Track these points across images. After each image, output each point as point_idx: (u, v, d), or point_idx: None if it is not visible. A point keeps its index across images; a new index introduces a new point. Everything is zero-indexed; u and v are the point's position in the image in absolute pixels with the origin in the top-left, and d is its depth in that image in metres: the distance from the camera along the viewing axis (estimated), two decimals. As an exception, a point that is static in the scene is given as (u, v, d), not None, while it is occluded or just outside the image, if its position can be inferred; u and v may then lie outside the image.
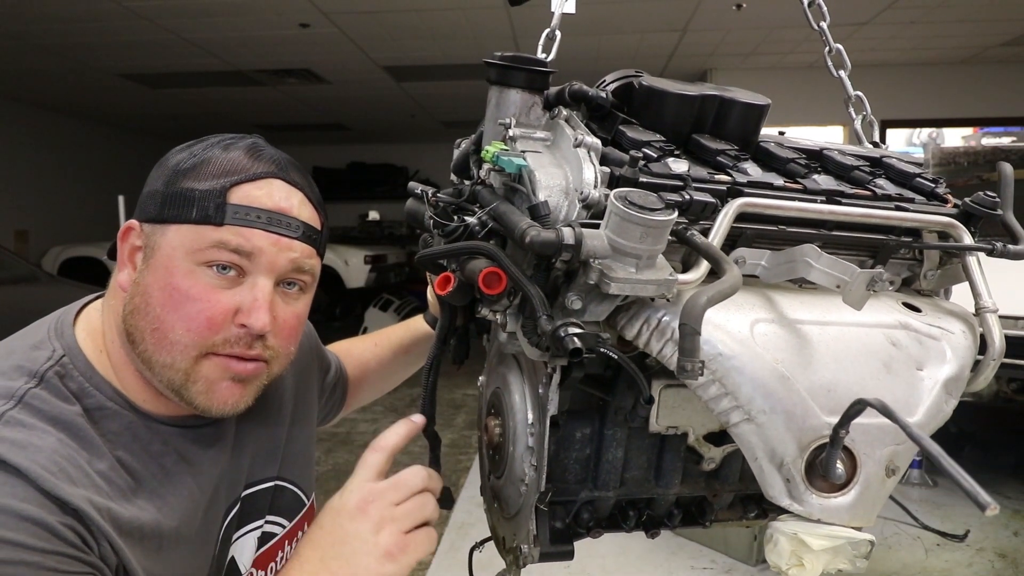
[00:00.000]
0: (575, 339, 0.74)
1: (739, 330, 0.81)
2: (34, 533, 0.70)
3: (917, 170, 1.07)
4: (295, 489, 1.11)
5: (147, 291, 0.85)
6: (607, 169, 0.86)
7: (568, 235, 0.76)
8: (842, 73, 1.37)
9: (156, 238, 0.86)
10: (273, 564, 1.07)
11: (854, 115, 1.35)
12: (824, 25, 1.37)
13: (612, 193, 0.76)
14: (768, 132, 1.12)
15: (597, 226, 0.78)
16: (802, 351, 0.81)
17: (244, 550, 1.02)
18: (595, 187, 0.83)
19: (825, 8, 1.37)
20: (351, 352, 1.45)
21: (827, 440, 0.77)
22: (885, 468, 0.80)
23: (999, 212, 0.99)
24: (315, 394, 1.26)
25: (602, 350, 0.76)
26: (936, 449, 0.64)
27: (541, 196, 0.85)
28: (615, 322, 0.85)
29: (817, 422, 0.77)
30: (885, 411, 0.68)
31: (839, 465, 0.77)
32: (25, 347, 0.86)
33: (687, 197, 0.85)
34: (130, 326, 0.86)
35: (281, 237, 0.87)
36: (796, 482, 0.78)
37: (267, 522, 1.06)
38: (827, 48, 1.37)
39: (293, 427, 1.13)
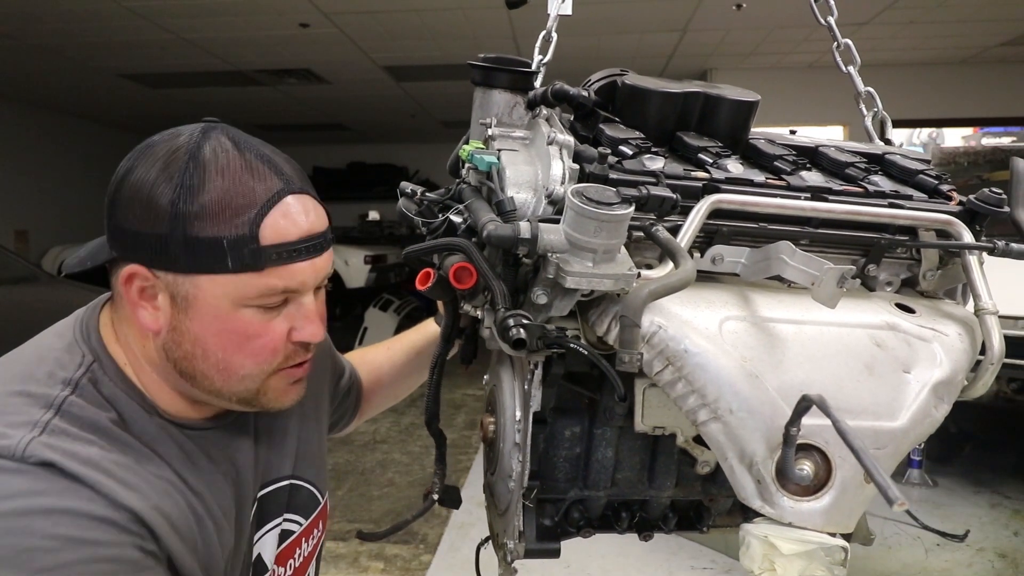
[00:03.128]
0: (520, 330, 0.75)
1: (707, 327, 0.80)
2: (107, 531, 0.74)
3: (921, 166, 1.04)
4: (310, 487, 1.12)
5: (199, 339, 0.85)
6: (577, 166, 0.87)
7: (524, 229, 0.76)
8: (851, 69, 1.34)
9: (187, 288, 0.83)
10: (291, 561, 1.08)
11: (864, 111, 1.33)
12: (831, 20, 1.36)
13: (569, 188, 0.76)
14: (778, 131, 1.11)
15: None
16: (774, 350, 0.80)
17: (267, 547, 1.03)
18: (562, 183, 0.83)
19: (832, 2, 1.35)
20: (364, 358, 1.45)
21: (800, 441, 0.76)
22: (863, 473, 0.76)
23: (1006, 209, 0.97)
24: (327, 396, 1.27)
25: (571, 346, 0.76)
26: (860, 445, 0.64)
27: (509, 192, 0.85)
28: (588, 319, 0.85)
29: (787, 422, 0.75)
30: (821, 406, 0.68)
31: (807, 467, 0.76)
32: (55, 352, 0.86)
33: (644, 192, 0.84)
34: (187, 369, 0.87)
35: (315, 259, 0.88)
36: (767, 483, 0.76)
37: (285, 520, 1.07)
38: (835, 44, 1.36)
39: (304, 426, 1.14)
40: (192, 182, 0.80)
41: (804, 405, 0.70)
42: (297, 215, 0.85)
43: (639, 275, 0.78)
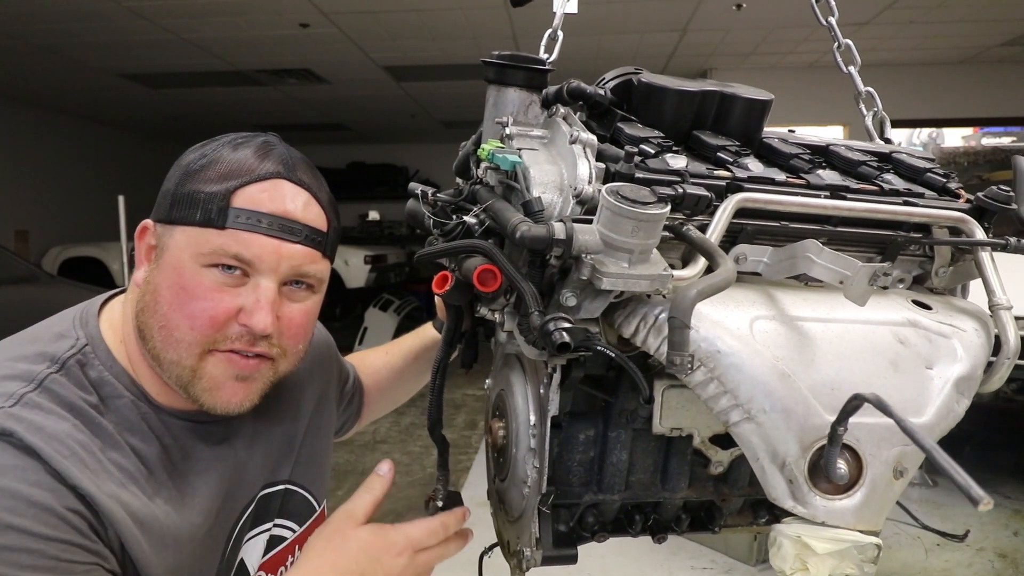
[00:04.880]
0: (563, 333, 0.73)
1: (738, 327, 0.79)
2: (41, 519, 0.71)
3: (928, 165, 1.05)
4: (306, 494, 1.11)
5: (156, 290, 0.86)
6: (602, 165, 0.86)
7: (559, 230, 0.75)
8: (852, 69, 1.35)
9: (166, 238, 0.87)
10: (283, 568, 1.07)
11: (864, 111, 1.33)
12: (832, 20, 1.35)
13: (604, 187, 0.75)
14: (777, 130, 1.11)
15: (591, 222, 0.77)
16: (804, 349, 0.79)
17: (253, 552, 1.02)
18: (589, 183, 0.82)
19: (833, 3, 1.35)
20: (364, 363, 1.45)
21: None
22: (893, 470, 0.78)
23: (1014, 206, 0.98)
24: (335, 403, 1.26)
25: (599, 348, 0.75)
26: (931, 444, 0.62)
27: (535, 192, 0.84)
28: (613, 320, 0.84)
29: (820, 421, 0.75)
30: (880, 405, 0.66)
31: (842, 465, 0.75)
32: (50, 335, 0.88)
33: (680, 191, 0.84)
34: (141, 323, 0.87)
35: (283, 242, 0.87)
36: (799, 483, 0.76)
37: (276, 525, 1.06)
38: (836, 44, 1.36)
39: (310, 432, 1.13)
40: (211, 152, 0.88)
41: (855, 404, 0.69)
42: (280, 196, 0.88)
43: (673, 276, 0.77)
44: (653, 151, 0.89)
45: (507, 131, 0.94)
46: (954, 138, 9.22)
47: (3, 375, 0.81)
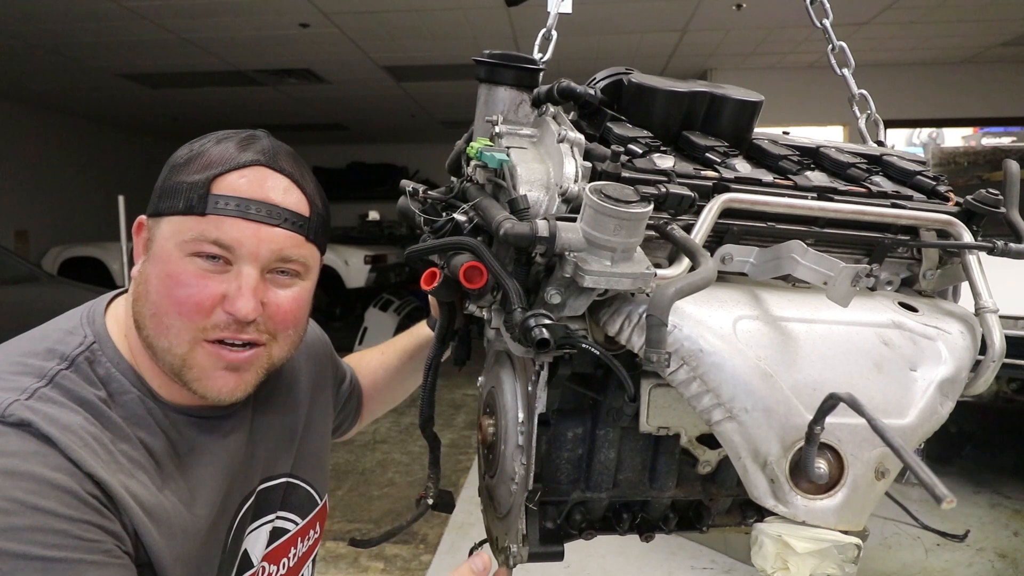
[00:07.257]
0: (543, 330, 0.74)
1: (721, 326, 0.80)
2: (63, 501, 0.75)
3: (918, 168, 1.06)
4: (307, 488, 1.13)
5: (148, 280, 0.89)
6: (590, 164, 0.86)
7: (542, 227, 0.76)
8: (846, 71, 1.35)
9: (155, 230, 0.89)
10: (285, 560, 1.10)
11: (858, 113, 1.34)
12: (827, 23, 1.36)
13: (587, 186, 0.76)
14: (772, 132, 1.11)
15: (576, 220, 0.78)
16: (787, 349, 0.80)
17: (257, 543, 1.04)
18: (575, 181, 0.83)
19: (828, 5, 1.35)
20: (360, 363, 1.46)
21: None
22: (875, 470, 0.78)
23: (1002, 210, 0.98)
24: (331, 400, 1.28)
25: (583, 345, 0.76)
26: (899, 443, 0.63)
27: (522, 190, 0.85)
28: (599, 319, 0.85)
29: (801, 421, 0.76)
30: (853, 404, 0.67)
31: (823, 465, 0.75)
32: (58, 332, 0.91)
33: (663, 190, 0.84)
34: (135, 313, 0.90)
35: (262, 225, 0.88)
36: (780, 482, 0.76)
37: (279, 517, 1.08)
38: (830, 46, 1.36)
39: (308, 427, 1.15)
40: (197, 147, 0.91)
41: (831, 403, 0.70)
42: (260, 181, 0.90)
43: (655, 274, 0.77)
44: (641, 151, 0.89)
45: (497, 129, 0.95)
46: (954, 138, 9.23)
47: (16, 371, 0.83)
